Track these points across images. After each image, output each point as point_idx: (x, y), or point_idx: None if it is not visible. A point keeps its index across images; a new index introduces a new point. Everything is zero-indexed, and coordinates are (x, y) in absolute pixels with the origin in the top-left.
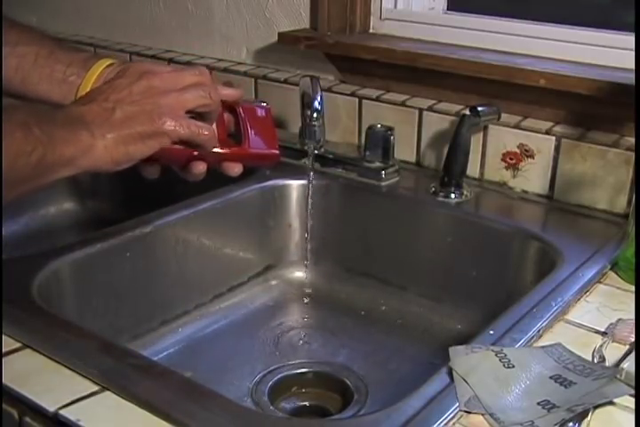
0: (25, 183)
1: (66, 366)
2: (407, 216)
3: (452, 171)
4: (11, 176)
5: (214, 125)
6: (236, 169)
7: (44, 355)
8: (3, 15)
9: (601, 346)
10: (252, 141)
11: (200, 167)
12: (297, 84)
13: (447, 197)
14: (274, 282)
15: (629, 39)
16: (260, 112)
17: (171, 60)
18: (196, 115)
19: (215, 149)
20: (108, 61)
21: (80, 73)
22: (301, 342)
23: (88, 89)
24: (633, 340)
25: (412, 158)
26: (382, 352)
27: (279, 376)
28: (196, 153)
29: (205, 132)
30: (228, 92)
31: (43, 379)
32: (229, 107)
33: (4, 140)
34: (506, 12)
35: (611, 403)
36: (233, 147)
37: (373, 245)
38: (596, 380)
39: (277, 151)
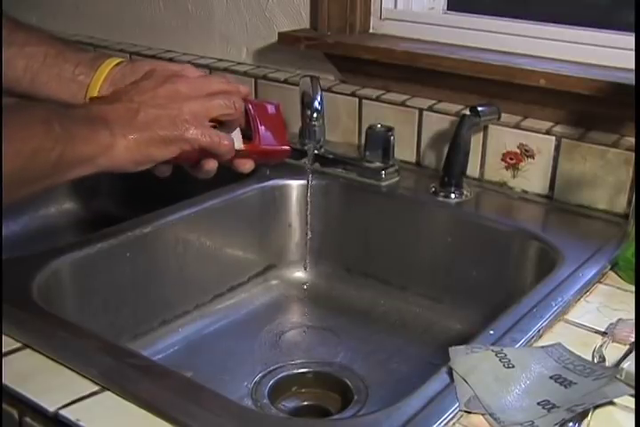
0: (43, 180)
1: (66, 366)
2: (407, 216)
3: (451, 171)
4: (30, 172)
5: (236, 131)
6: (247, 165)
7: (44, 355)
8: (8, 16)
9: (601, 346)
10: (262, 138)
11: (211, 164)
12: (297, 84)
13: (447, 197)
14: (274, 282)
15: (629, 39)
16: (270, 109)
17: (171, 60)
18: (217, 122)
19: None
20: (116, 60)
21: (88, 72)
22: (301, 342)
23: (97, 88)
24: (633, 340)
25: (412, 158)
26: (382, 352)
27: (279, 376)
28: None
29: (225, 142)
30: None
31: (43, 379)
32: None
33: (23, 134)
34: (506, 12)
35: (611, 403)
36: (244, 143)
37: (373, 245)
38: (596, 380)
39: (288, 147)
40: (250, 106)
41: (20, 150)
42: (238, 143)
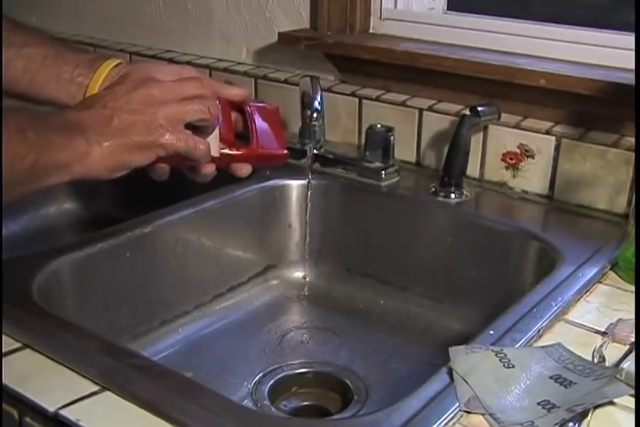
0: (17, 187)
1: (66, 366)
2: (407, 216)
3: (451, 171)
4: (5, 179)
5: (212, 136)
6: (244, 170)
7: (44, 355)
8: (7, 17)
9: (601, 346)
10: (260, 142)
11: (209, 168)
12: (297, 84)
13: (447, 197)
14: (274, 282)
15: (629, 39)
16: (268, 112)
17: (171, 60)
18: (193, 127)
19: (223, 150)
20: (116, 62)
21: (87, 74)
22: (301, 342)
23: (96, 89)
24: (633, 340)
25: (412, 158)
26: (382, 352)
27: (279, 376)
28: None
29: (201, 146)
30: (236, 92)
31: (43, 379)
32: (237, 107)
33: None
34: (506, 12)
35: (611, 403)
36: (241, 148)
37: (373, 245)
38: (596, 380)
39: (286, 151)
40: (248, 108)
41: None
42: (215, 147)
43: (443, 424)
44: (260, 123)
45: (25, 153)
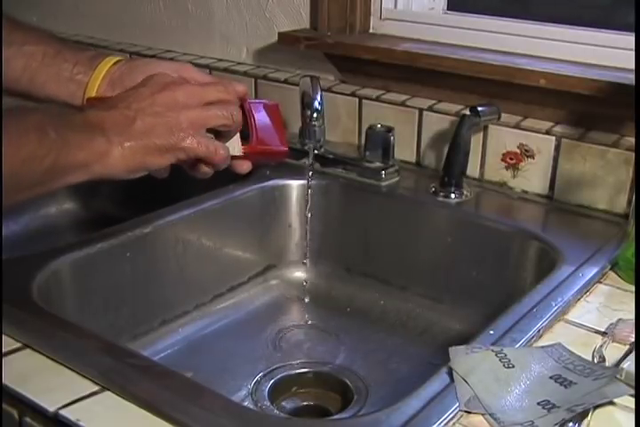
0: (37, 186)
1: (66, 366)
2: (407, 216)
3: (451, 171)
4: (21, 179)
5: (235, 137)
6: (244, 166)
7: (44, 355)
8: (7, 16)
9: (601, 346)
10: (260, 138)
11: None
12: (297, 84)
13: (447, 197)
14: (274, 282)
15: (629, 39)
16: (268, 108)
17: (171, 60)
18: (214, 131)
19: None
20: (115, 59)
21: (87, 71)
22: (301, 342)
23: (96, 87)
24: (633, 340)
25: (412, 158)
26: (382, 352)
27: (279, 376)
28: None
29: (221, 151)
30: (237, 89)
31: (43, 379)
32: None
33: (16, 141)
34: (506, 12)
35: (611, 403)
36: (241, 144)
37: (373, 245)
38: (596, 380)
39: (286, 148)
40: (248, 106)
41: (12, 157)
42: (237, 149)
43: (443, 424)
44: (259, 119)
45: (45, 152)
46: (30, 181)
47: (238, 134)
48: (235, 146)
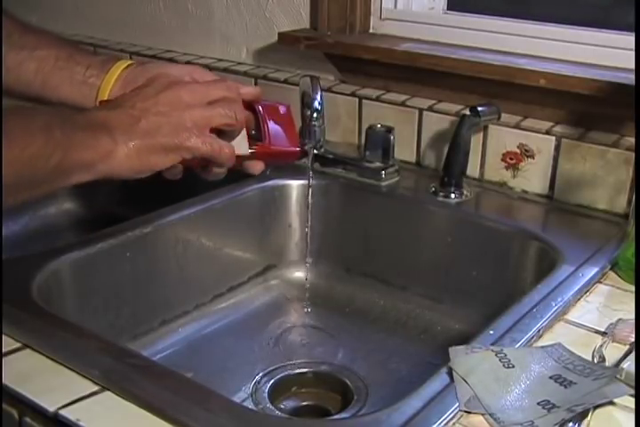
0: (42, 185)
1: (66, 366)
2: (407, 216)
3: (451, 171)
4: (27, 177)
5: (241, 135)
6: (257, 167)
7: (44, 355)
8: (18, 19)
9: (601, 346)
10: (272, 139)
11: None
12: (297, 84)
13: (447, 197)
14: (274, 282)
15: (629, 39)
16: (281, 110)
17: (171, 60)
18: (218, 130)
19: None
20: (127, 63)
21: (99, 75)
22: (301, 341)
23: (108, 90)
24: (633, 340)
25: (412, 158)
26: (382, 352)
27: (279, 376)
28: None
29: (226, 150)
30: (248, 91)
31: (43, 379)
32: (249, 105)
33: (22, 140)
34: (506, 12)
35: (611, 403)
36: (254, 145)
37: (373, 245)
38: (596, 380)
39: (298, 148)
40: (259, 107)
41: (18, 156)
42: (244, 148)
43: (443, 424)
44: (271, 120)
45: (51, 151)
46: (36, 179)
47: (245, 134)
48: (242, 145)
